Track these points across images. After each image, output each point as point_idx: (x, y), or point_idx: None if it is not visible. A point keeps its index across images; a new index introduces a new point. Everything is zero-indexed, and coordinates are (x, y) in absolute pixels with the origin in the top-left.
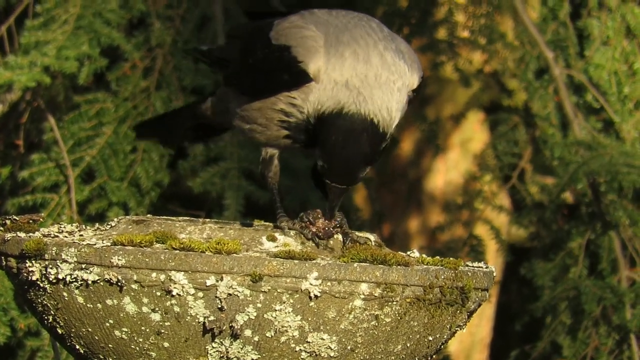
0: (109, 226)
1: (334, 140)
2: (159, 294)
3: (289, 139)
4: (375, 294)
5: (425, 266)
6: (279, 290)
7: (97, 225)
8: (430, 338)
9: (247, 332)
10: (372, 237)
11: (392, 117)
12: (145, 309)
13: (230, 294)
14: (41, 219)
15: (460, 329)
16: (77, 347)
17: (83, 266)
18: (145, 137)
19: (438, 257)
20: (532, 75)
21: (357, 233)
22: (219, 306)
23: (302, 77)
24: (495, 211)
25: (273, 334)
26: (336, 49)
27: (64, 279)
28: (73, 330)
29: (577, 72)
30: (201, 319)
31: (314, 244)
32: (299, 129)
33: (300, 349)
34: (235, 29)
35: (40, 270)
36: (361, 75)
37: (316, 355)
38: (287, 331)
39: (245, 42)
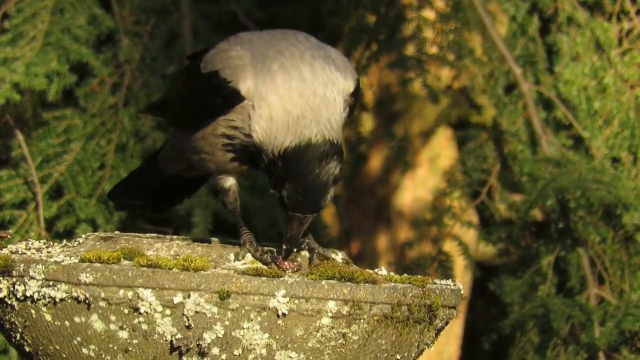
0: (77, 243)
1: (308, 170)
2: (126, 311)
3: (236, 161)
4: (343, 312)
5: (393, 284)
6: (246, 308)
7: (64, 242)
8: (398, 356)
9: (215, 350)
10: (339, 255)
11: (340, 131)
12: (113, 327)
13: (197, 312)
14: (9, 236)
15: (428, 347)
16: None
17: (51, 283)
18: (124, 207)
19: (406, 274)
20: (501, 91)
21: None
22: (187, 324)
23: (234, 97)
24: (463, 228)
25: (241, 352)
26: (263, 63)
27: (31, 296)
28: (41, 347)
29: (546, 88)
30: (169, 337)
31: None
32: (245, 151)
33: None
34: (175, 74)
35: (8, 287)
36: (303, 96)
37: None
38: (254, 349)
39: (180, 81)
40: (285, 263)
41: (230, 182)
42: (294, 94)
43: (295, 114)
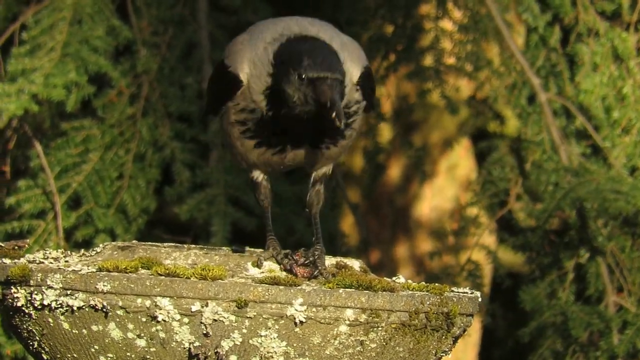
0: (95, 252)
1: (303, 45)
2: (144, 319)
3: (259, 147)
4: (361, 320)
5: (410, 292)
6: (264, 316)
7: (82, 251)
8: None
9: (233, 358)
10: (357, 263)
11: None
12: (130, 335)
13: (215, 320)
14: (27, 245)
15: (446, 355)
16: None
17: (68, 292)
18: None
19: (423, 282)
20: (525, 101)
21: (336, 259)
22: (204, 332)
23: (235, 82)
24: (484, 238)
25: None
26: (258, 35)
27: (49, 305)
28: (58, 356)
29: (563, 98)
30: (186, 345)
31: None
32: (259, 129)
33: None
34: None
35: (26, 297)
36: (291, 26)
37: None
38: (272, 357)
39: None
40: (300, 269)
41: (260, 177)
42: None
43: (277, 35)
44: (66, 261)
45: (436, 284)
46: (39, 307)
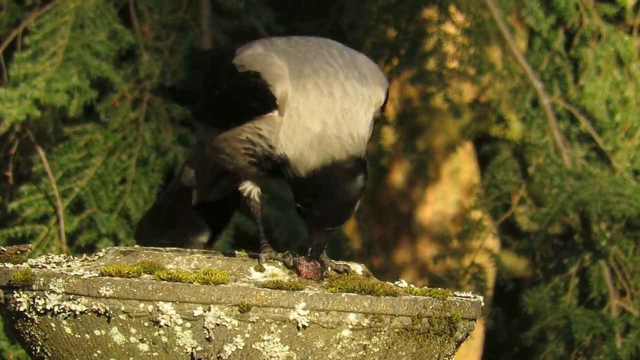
0: (97, 257)
1: (334, 190)
2: (146, 324)
3: (255, 166)
4: (363, 324)
5: (413, 296)
6: (267, 321)
7: (84, 256)
8: None
9: None
10: (359, 268)
11: (363, 145)
12: (133, 339)
13: (218, 324)
14: (29, 250)
15: (449, 359)
16: None
17: (71, 297)
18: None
19: (426, 287)
20: (528, 105)
21: (337, 262)
22: (207, 336)
23: (268, 103)
24: (487, 241)
25: None
26: (298, 80)
27: (51, 309)
28: None
29: (566, 101)
30: (189, 350)
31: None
32: (266, 160)
33: None
34: (197, 58)
35: (28, 301)
36: (330, 112)
37: None
38: None
39: (208, 72)
40: (304, 267)
41: (251, 186)
42: (321, 111)
43: (319, 130)
44: (68, 266)
45: (439, 289)
46: (42, 311)
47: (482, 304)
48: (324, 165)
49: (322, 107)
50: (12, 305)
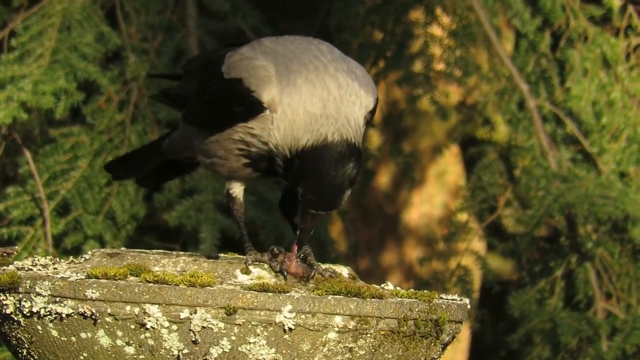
0: (83, 259)
1: (323, 171)
2: (133, 327)
3: (250, 167)
4: (350, 327)
5: (399, 299)
6: (253, 323)
7: (71, 258)
8: None
9: None
10: (345, 270)
11: (360, 130)
12: (119, 342)
13: (204, 327)
14: (15, 252)
15: None
16: None
17: (57, 299)
18: (120, 178)
19: (412, 289)
20: (515, 107)
21: (325, 265)
22: (193, 339)
23: (256, 107)
24: (473, 243)
25: None
26: (287, 77)
27: (38, 312)
28: None
29: (552, 104)
30: (175, 352)
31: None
32: (261, 158)
33: None
34: (189, 64)
35: (14, 304)
36: (324, 100)
37: None
38: None
39: (199, 77)
40: (293, 264)
41: (238, 189)
42: (315, 99)
43: (314, 113)
44: (55, 268)
45: (425, 291)
46: (28, 314)
47: (468, 306)
48: (316, 145)
49: (315, 98)
50: None
